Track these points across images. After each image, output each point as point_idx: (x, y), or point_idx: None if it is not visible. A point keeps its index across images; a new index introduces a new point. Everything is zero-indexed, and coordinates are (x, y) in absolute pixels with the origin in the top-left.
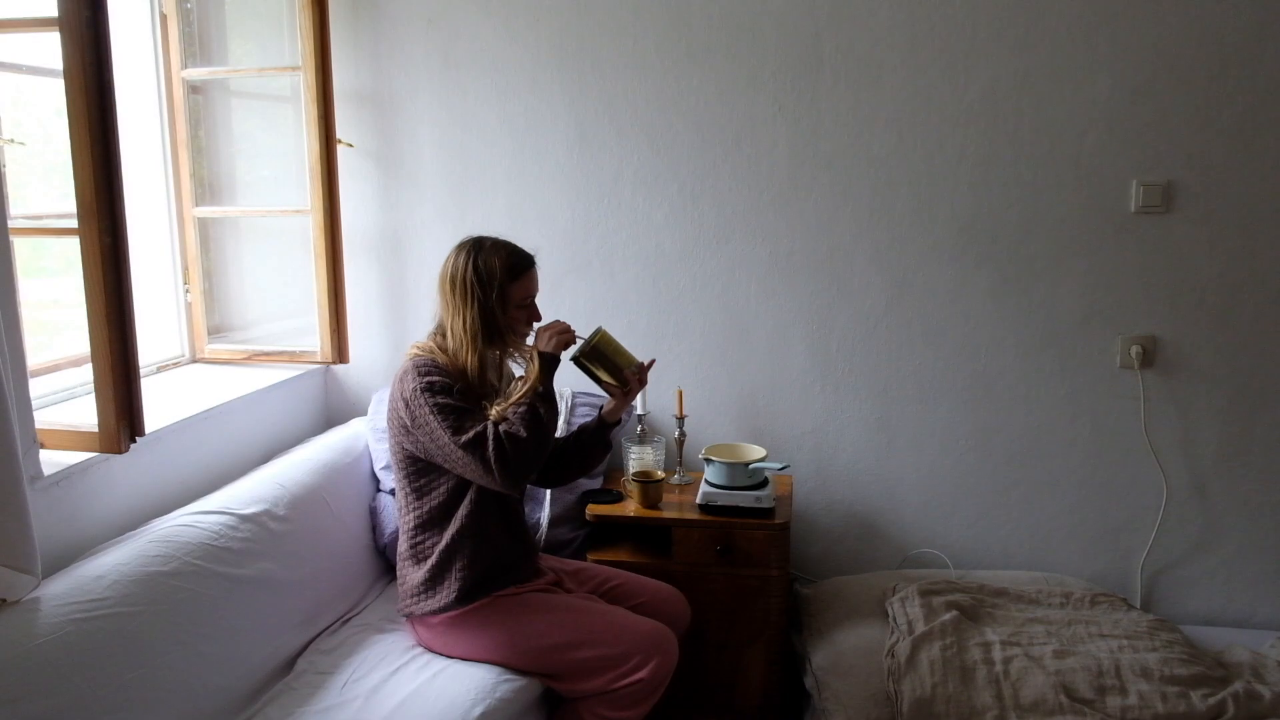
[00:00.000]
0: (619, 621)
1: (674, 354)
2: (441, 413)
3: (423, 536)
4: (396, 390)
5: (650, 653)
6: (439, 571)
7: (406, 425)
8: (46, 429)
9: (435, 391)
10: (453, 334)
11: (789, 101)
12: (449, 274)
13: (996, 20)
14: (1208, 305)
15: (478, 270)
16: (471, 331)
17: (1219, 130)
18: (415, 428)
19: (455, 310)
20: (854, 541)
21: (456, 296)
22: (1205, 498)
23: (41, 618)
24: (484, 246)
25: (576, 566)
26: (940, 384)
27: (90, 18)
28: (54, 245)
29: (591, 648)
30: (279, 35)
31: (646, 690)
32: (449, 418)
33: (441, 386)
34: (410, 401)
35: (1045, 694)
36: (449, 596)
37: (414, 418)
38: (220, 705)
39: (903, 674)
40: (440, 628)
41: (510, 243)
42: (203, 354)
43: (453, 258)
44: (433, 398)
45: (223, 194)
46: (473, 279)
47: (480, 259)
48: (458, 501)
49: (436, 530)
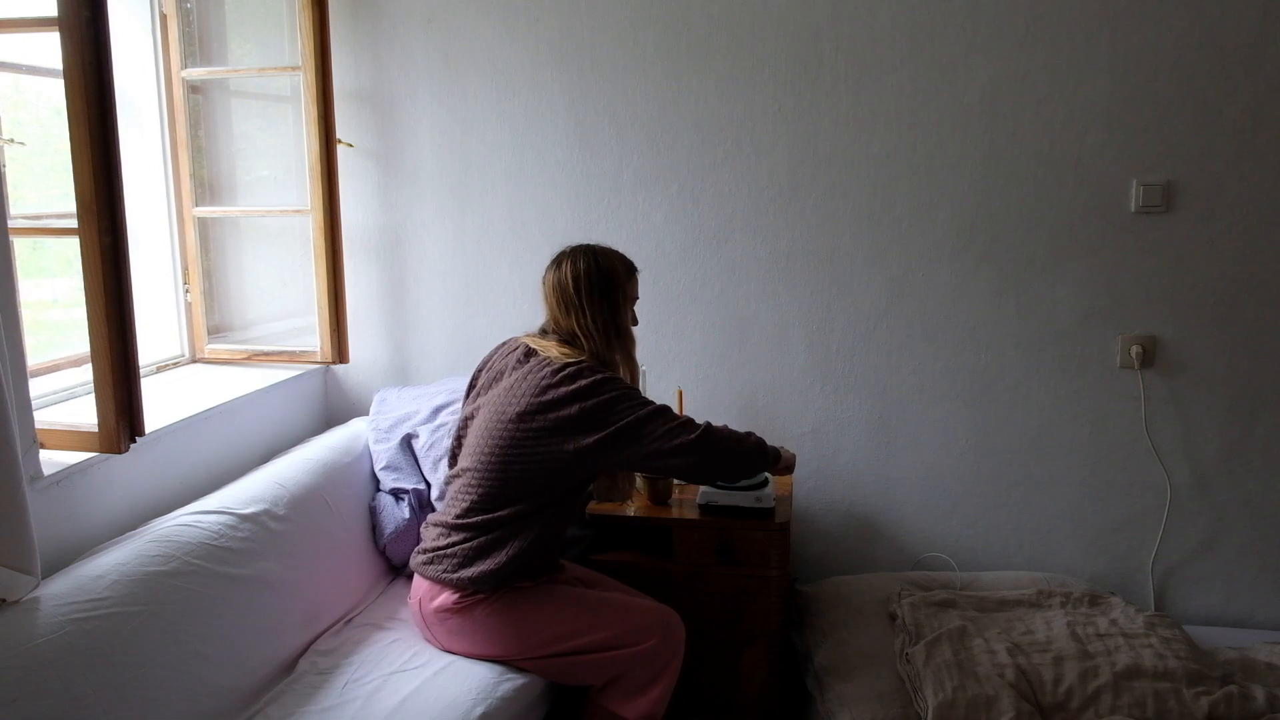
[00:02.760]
0: (623, 603)
1: (674, 354)
2: (639, 397)
3: (492, 532)
4: (563, 385)
5: (655, 629)
6: (484, 552)
7: (571, 420)
8: (46, 429)
9: (625, 383)
10: (586, 335)
11: (789, 101)
12: (574, 278)
13: (997, 20)
14: (1208, 305)
15: (603, 271)
16: (607, 329)
17: (1219, 130)
18: (599, 414)
19: (585, 311)
20: (854, 542)
21: (584, 297)
22: (1207, 497)
23: (41, 618)
24: (597, 251)
25: (583, 572)
26: (940, 384)
27: (90, 18)
28: (54, 245)
29: (598, 631)
30: (279, 35)
31: (657, 668)
32: (652, 408)
33: (628, 385)
34: (593, 391)
35: (1050, 694)
36: (481, 573)
37: (599, 406)
38: (220, 705)
39: (922, 678)
40: (446, 613)
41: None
42: (203, 354)
43: (570, 264)
44: (626, 386)
45: (223, 194)
46: (599, 279)
47: (600, 260)
48: (543, 510)
49: (507, 528)
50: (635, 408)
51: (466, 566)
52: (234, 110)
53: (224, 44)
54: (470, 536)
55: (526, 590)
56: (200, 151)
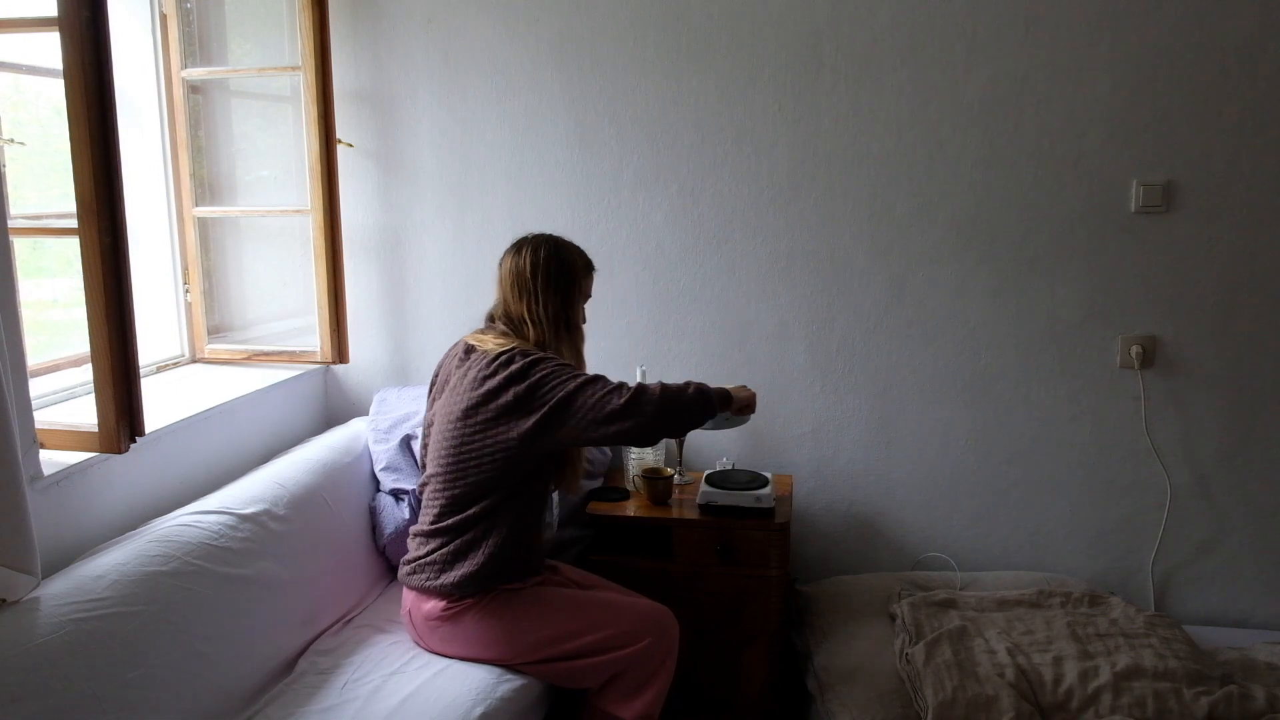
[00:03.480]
0: (615, 603)
1: (674, 354)
2: (570, 371)
3: (466, 533)
4: (498, 373)
5: (649, 629)
6: (461, 555)
7: (508, 406)
8: (46, 429)
9: (557, 362)
10: (534, 322)
11: (789, 101)
12: (533, 265)
13: (997, 20)
14: (1208, 305)
15: (563, 262)
16: (557, 320)
17: (1219, 130)
18: (530, 395)
19: (538, 298)
20: (854, 542)
21: (539, 285)
22: (1207, 497)
23: (41, 618)
24: (562, 243)
25: (578, 574)
26: (940, 384)
27: (90, 18)
28: (54, 245)
29: (593, 631)
30: (279, 35)
31: (652, 668)
32: (581, 379)
33: (561, 362)
34: (524, 375)
35: (1050, 694)
36: (462, 577)
37: (532, 386)
38: (220, 705)
39: (922, 678)
40: (437, 621)
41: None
42: (203, 354)
43: (530, 251)
44: (557, 364)
45: (223, 194)
46: (558, 270)
47: (562, 253)
48: (510, 503)
49: (479, 528)
50: (564, 383)
51: (447, 571)
52: (234, 110)
53: (224, 44)
54: (446, 541)
55: (515, 593)
56: (200, 151)
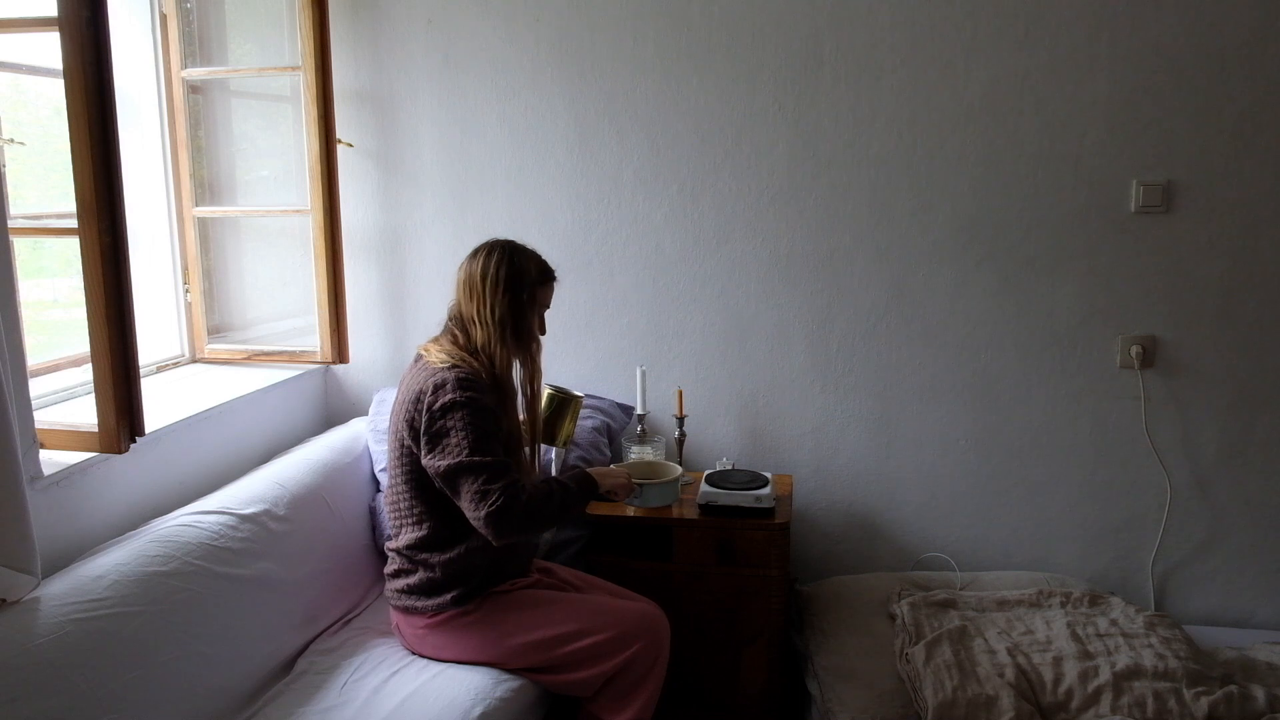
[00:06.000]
0: (607, 606)
1: (674, 354)
2: (477, 436)
3: (426, 554)
4: (424, 398)
5: (641, 632)
6: (439, 582)
7: (420, 432)
8: (46, 429)
9: (476, 411)
10: (481, 324)
11: (789, 101)
12: (483, 269)
13: (996, 20)
14: (1208, 305)
15: (514, 267)
16: (503, 324)
17: (1219, 130)
18: (435, 439)
19: (485, 301)
20: (854, 542)
21: (488, 289)
22: (1207, 497)
23: (41, 618)
24: (518, 250)
25: (573, 575)
26: (940, 384)
27: (90, 18)
28: (54, 245)
29: (584, 637)
30: (279, 35)
31: (643, 671)
32: (482, 445)
33: (483, 409)
34: (442, 414)
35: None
36: (444, 600)
37: (439, 430)
38: (220, 705)
39: (922, 678)
40: (425, 630)
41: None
42: (203, 354)
43: (484, 256)
44: (473, 417)
45: (222, 194)
46: (508, 275)
47: (517, 259)
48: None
49: (442, 548)
50: (459, 451)
51: (417, 591)
52: (234, 110)
53: (224, 44)
54: (407, 549)
55: (503, 596)
56: (200, 151)
